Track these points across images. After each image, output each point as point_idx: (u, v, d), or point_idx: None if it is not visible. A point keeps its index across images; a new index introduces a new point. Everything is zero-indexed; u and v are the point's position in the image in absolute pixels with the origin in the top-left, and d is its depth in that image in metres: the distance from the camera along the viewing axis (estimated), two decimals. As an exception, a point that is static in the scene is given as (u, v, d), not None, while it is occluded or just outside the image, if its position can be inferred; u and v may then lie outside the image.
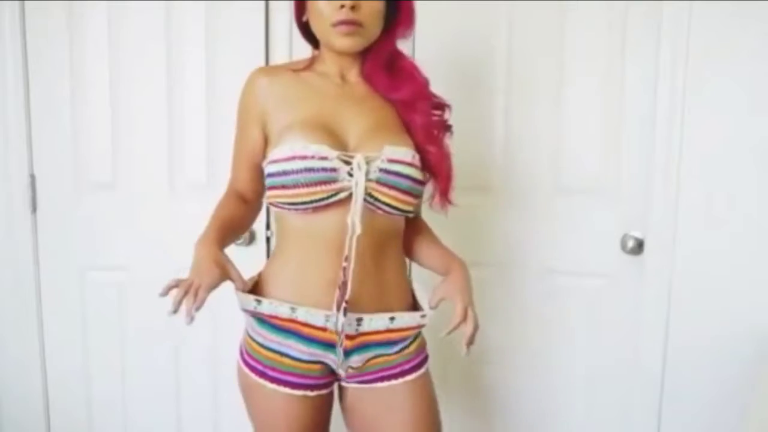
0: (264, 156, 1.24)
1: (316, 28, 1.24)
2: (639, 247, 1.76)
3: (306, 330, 1.21)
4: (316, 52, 1.33)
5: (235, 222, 1.28)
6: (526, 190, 1.83)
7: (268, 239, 1.89)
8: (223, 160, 1.86)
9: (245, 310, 1.27)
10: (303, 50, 1.82)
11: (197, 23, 1.83)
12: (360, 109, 1.24)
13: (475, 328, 1.22)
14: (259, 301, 1.23)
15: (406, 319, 1.25)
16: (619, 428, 1.85)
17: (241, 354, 1.33)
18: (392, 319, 1.23)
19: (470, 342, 1.22)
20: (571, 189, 1.81)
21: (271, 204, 1.22)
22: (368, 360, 1.25)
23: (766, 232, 1.64)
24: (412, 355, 1.28)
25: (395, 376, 1.26)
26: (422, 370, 1.29)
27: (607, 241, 1.79)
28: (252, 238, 1.88)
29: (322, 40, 1.25)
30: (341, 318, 1.18)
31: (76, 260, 1.92)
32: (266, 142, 1.25)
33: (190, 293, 1.17)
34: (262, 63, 1.82)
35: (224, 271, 1.16)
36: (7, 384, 1.97)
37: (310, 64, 1.30)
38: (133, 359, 1.96)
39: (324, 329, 1.21)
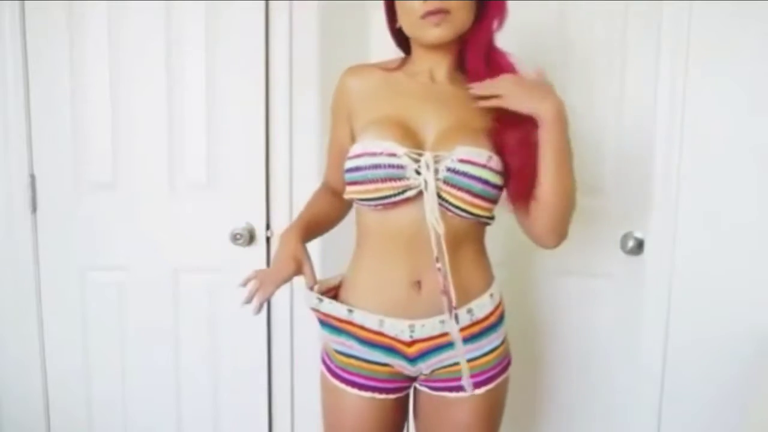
0: None
1: (407, 27, 1.22)
2: (639, 247, 1.76)
3: (363, 333, 1.22)
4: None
5: (323, 215, 1.33)
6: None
7: (268, 239, 1.89)
8: (223, 160, 1.88)
9: (311, 308, 1.27)
10: (303, 50, 1.83)
11: (197, 23, 1.83)
12: (442, 109, 1.22)
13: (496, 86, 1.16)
14: (321, 300, 1.24)
15: (454, 322, 1.20)
16: (619, 428, 1.85)
17: (322, 353, 1.34)
18: (442, 322, 1.20)
19: (481, 89, 1.16)
20: (571, 189, 1.81)
21: (348, 198, 1.22)
22: (441, 367, 1.23)
23: (766, 232, 1.64)
24: (486, 366, 1.25)
25: (464, 388, 1.23)
26: (492, 385, 1.25)
27: (607, 241, 1.79)
28: (252, 238, 1.88)
29: (413, 37, 1.23)
30: (452, 322, 1.17)
31: (76, 260, 1.92)
32: (353, 139, 1.26)
33: (260, 289, 1.20)
34: (261, 63, 1.82)
35: (299, 267, 1.20)
36: (7, 384, 1.97)
37: (401, 64, 1.29)
38: (133, 359, 1.96)
39: (380, 333, 1.21)
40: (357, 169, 1.17)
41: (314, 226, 1.29)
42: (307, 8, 1.80)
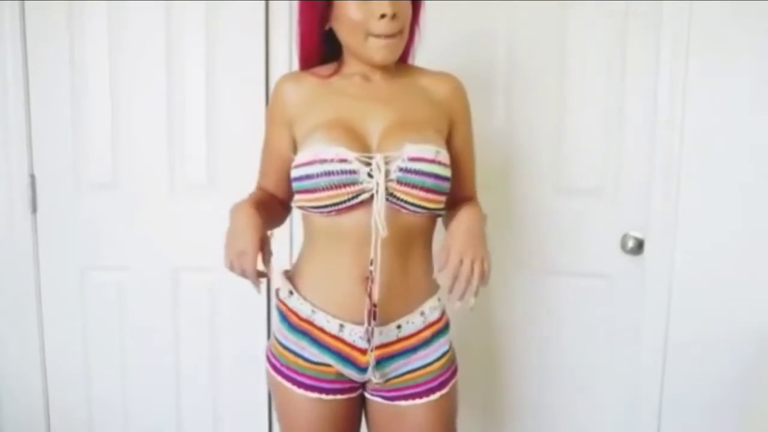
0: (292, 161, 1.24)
1: (348, 39, 1.19)
2: (639, 247, 1.76)
3: (320, 335, 1.21)
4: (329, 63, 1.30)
5: (269, 203, 1.29)
6: (526, 190, 1.83)
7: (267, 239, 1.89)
8: (223, 160, 1.88)
9: (277, 298, 1.29)
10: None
11: (197, 23, 1.83)
12: (383, 107, 1.22)
13: (466, 277, 1.10)
14: (292, 293, 1.25)
15: (412, 323, 1.22)
16: (619, 428, 1.85)
17: (267, 351, 1.33)
18: (399, 327, 1.21)
19: (460, 295, 1.10)
20: (571, 189, 1.81)
21: (298, 207, 1.22)
22: (395, 376, 1.23)
23: (766, 232, 1.64)
24: (438, 372, 1.25)
25: (419, 395, 1.24)
26: (446, 389, 1.26)
27: (607, 241, 1.79)
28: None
29: (354, 51, 1.21)
30: (371, 330, 1.16)
31: (76, 260, 1.92)
32: (295, 146, 1.25)
33: (246, 272, 1.17)
34: (261, 63, 1.83)
35: (262, 239, 1.16)
36: (7, 384, 1.97)
37: (336, 70, 1.27)
38: (133, 359, 1.96)
39: (338, 338, 1.20)
40: (307, 177, 1.15)
41: (263, 208, 1.23)
42: (307, 8, 1.80)
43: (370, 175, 1.14)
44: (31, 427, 1.99)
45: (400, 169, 1.14)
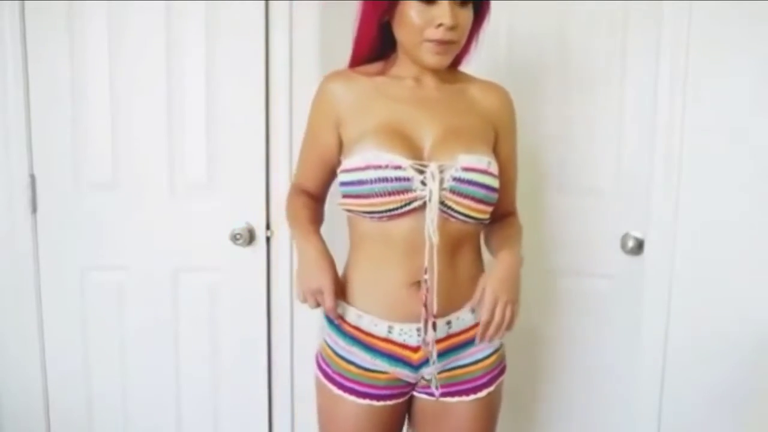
0: (339, 161, 1.23)
1: (404, 38, 1.20)
2: (639, 247, 1.76)
3: (369, 340, 1.22)
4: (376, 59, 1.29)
5: (314, 213, 1.31)
6: (526, 190, 1.83)
7: (268, 239, 1.89)
8: (223, 160, 1.88)
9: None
10: (303, 50, 1.83)
11: (197, 23, 1.83)
12: (435, 113, 1.22)
13: (498, 322, 1.15)
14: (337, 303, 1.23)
15: (462, 319, 1.23)
16: (619, 428, 1.85)
17: (317, 356, 1.33)
18: (449, 323, 1.22)
19: (485, 333, 1.16)
20: (571, 189, 1.81)
21: (346, 210, 1.21)
22: (443, 371, 1.24)
23: (766, 232, 1.64)
24: (488, 369, 1.26)
25: (466, 392, 1.25)
26: (493, 387, 1.27)
27: (607, 241, 1.79)
28: (252, 238, 1.88)
29: (408, 50, 1.21)
30: (430, 332, 1.17)
31: (76, 260, 1.92)
32: (341, 147, 1.24)
33: (326, 310, 1.21)
34: (261, 63, 1.83)
35: (336, 272, 1.21)
36: (7, 384, 1.97)
37: (384, 68, 1.26)
38: (133, 359, 1.96)
39: (387, 340, 1.21)
40: (360, 182, 1.15)
41: (318, 225, 1.29)
42: (307, 8, 1.80)
43: (423, 183, 1.14)
44: (31, 427, 1.99)
45: (454, 179, 1.15)
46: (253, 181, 1.87)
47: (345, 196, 1.19)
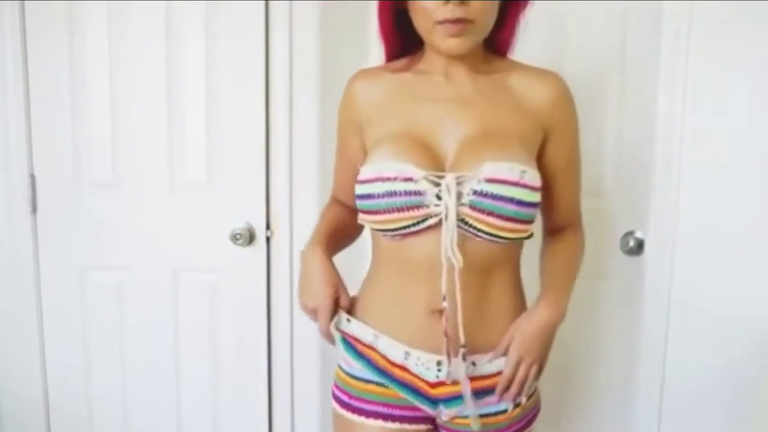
0: None
1: (419, 24, 1.05)
2: (639, 247, 1.76)
3: (383, 363, 1.09)
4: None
5: (343, 225, 1.18)
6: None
7: (268, 239, 1.89)
8: (223, 160, 1.88)
9: (337, 328, 1.14)
10: (303, 50, 1.83)
11: (197, 23, 1.83)
12: (465, 113, 1.06)
13: (521, 379, 1.04)
14: (349, 320, 1.12)
15: (486, 363, 1.06)
16: (620, 428, 1.85)
17: (333, 387, 1.19)
18: (474, 364, 1.05)
19: (504, 390, 1.04)
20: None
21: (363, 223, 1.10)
22: (464, 417, 1.08)
23: (766, 232, 1.64)
24: (515, 419, 1.10)
25: None
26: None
27: (607, 241, 1.79)
28: (252, 238, 1.88)
29: (425, 38, 1.06)
30: (454, 364, 1.02)
31: (76, 260, 1.92)
32: (365, 153, 1.11)
33: (318, 320, 1.10)
34: (261, 63, 1.82)
35: (336, 290, 1.09)
36: (7, 384, 1.97)
37: (409, 64, 1.12)
38: (133, 359, 1.96)
39: (403, 368, 1.07)
40: (369, 196, 1.02)
41: (337, 236, 1.16)
42: (307, 8, 1.80)
43: (438, 197, 0.99)
44: (31, 427, 1.99)
45: (475, 192, 0.99)
46: (253, 181, 1.87)
47: (359, 211, 1.06)
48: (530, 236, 1.06)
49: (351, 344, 1.13)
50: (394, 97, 1.10)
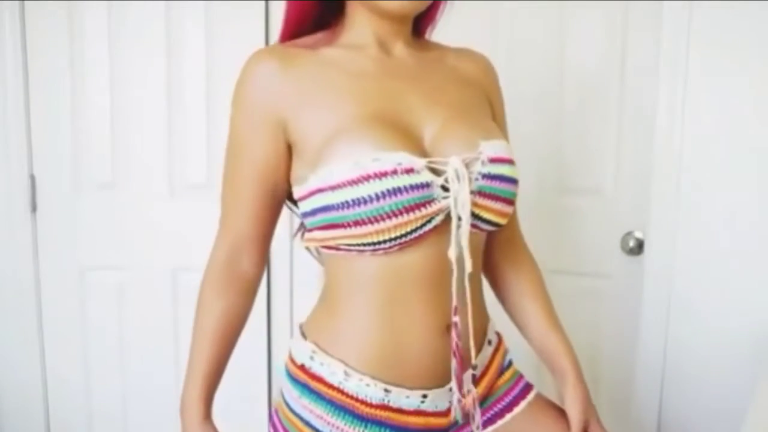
0: (287, 184, 0.90)
1: None
2: (639, 247, 1.76)
3: (361, 408, 0.86)
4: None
5: (228, 344, 1.04)
6: (525, 190, 1.82)
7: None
8: (223, 160, 1.88)
9: (295, 364, 0.95)
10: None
11: (197, 23, 1.83)
12: (425, 90, 0.89)
13: None
14: (312, 357, 0.90)
15: (484, 356, 0.99)
16: (620, 428, 1.85)
17: (274, 425, 0.98)
18: (474, 367, 0.93)
19: None
20: (571, 189, 1.81)
21: (323, 248, 0.88)
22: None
23: (767, 232, 1.64)
24: (511, 383, 1.04)
25: (500, 414, 0.99)
26: (532, 394, 1.06)
27: (607, 241, 1.79)
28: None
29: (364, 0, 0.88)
30: (466, 384, 0.89)
31: (76, 260, 1.92)
32: (290, 160, 0.89)
33: None
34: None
35: None
36: (7, 384, 1.97)
37: (331, 36, 0.91)
38: (132, 359, 1.96)
39: (420, 413, 0.88)
40: (356, 203, 0.78)
41: (219, 373, 1.04)
42: (307, 8, 1.80)
43: (444, 188, 0.81)
44: (31, 427, 1.99)
45: (483, 176, 0.84)
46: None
47: (325, 227, 0.83)
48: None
49: (313, 390, 0.89)
50: (329, 77, 0.87)
